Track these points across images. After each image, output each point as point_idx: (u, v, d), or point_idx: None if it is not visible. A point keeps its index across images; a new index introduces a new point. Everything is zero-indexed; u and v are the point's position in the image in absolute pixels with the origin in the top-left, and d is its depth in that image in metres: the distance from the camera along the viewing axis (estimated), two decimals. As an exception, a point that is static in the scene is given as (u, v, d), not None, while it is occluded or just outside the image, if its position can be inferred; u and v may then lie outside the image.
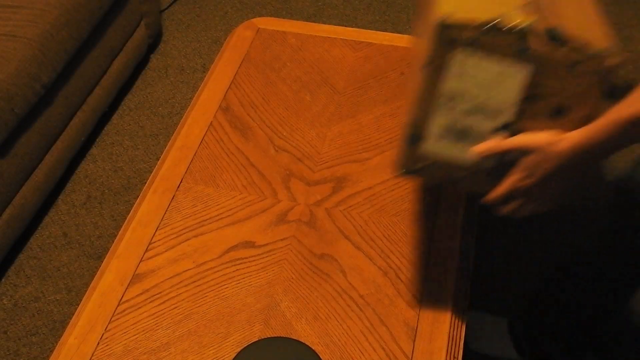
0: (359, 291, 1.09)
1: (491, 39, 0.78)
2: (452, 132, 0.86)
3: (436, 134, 0.87)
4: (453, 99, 0.84)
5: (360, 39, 1.55)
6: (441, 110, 0.84)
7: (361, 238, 1.17)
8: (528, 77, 0.80)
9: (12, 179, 1.67)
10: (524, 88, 0.81)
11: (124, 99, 2.20)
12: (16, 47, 1.67)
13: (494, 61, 0.80)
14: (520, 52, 0.79)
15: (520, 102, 0.82)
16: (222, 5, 2.57)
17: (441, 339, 1.04)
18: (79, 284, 1.71)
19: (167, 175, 1.27)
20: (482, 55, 0.80)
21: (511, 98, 0.82)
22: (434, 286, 1.11)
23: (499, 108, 0.83)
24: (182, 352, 1.03)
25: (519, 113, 0.83)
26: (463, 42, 0.79)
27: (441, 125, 0.86)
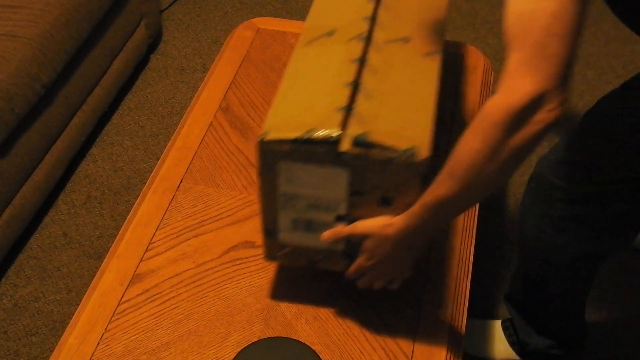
0: (359, 291, 1.09)
1: (307, 149, 0.88)
2: (300, 225, 0.97)
3: (287, 228, 0.98)
4: (291, 198, 0.94)
5: (360, 39, 1.55)
6: (285, 208, 0.95)
7: (361, 238, 1.17)
8: (349, 177, 0.90)
9: (12, 179, 1.67)
10: (349, 185, 0.90)
11: (124, 99, 2.20)
12: (16, 47, 1.67)
13: (316, 166, 0.89)
14: (335, 158, 0.88)
15: (349, 197, 0.92)
16: (222, 5, 2.57)
17: (441, 339, 1.04)
18: (79, 284, 1.72)
19: (167, 175, 1.27)
20: (303, 163, 0.89)
21: (340, 195, 0.92)
22: (434, 286, 1.11)
23: (331, 204, 0.93)
24: (182, 352, 1.03)
25: (350, 206, 0.93)
26: (283, 155, 0.89)
27: (288, 220, 0.97)
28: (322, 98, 0.92)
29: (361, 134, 0.86)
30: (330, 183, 0.91)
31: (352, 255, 0.99)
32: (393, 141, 0.87)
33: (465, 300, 1.10)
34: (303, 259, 1.02)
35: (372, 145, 0.86)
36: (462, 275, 1.13)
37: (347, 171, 0.89)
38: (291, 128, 0.88)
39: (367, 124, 0.88)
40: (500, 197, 1.88)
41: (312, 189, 0.92)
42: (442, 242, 1.16)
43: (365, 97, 0.92)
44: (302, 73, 0.98)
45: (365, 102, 0.92)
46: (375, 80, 0.95)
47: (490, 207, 1.85)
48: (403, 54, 1.01)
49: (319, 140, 0.87)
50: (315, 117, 0.89)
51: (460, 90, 1.42)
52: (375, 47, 1.01)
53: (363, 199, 0.91)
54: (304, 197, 0.93)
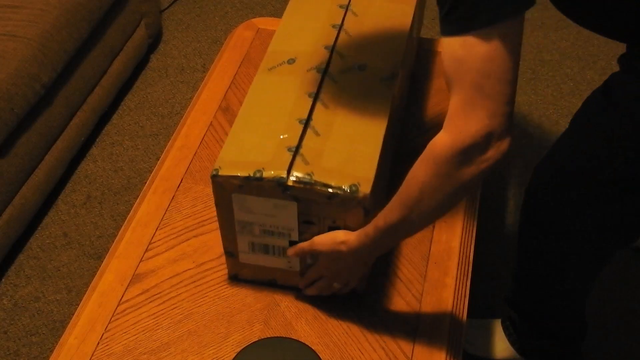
0: (359, 291, 1.09)
1: (257, 185, 0.95)
2: (257, 248, 1.04)
3: (245, 250, 1.05)
4: (247, 225, 1.01)
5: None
6: (242, 234, 1.02)
7: (361, 238, 1.17)
8: (298, 208, 0.96)
9: (12, 179, 1.67)
10: (299, 215, 0.97)
11: (124, 99, 2.20)
12: (16, 47, 1.67)
13: (267, 199, 0.96)
14: (283, 193, 0.95)
15: (300, 225, 0.99)
16: (222, 5, 2.57)
17: (441, 339, 1.04)
18: (79, 284, 1.71)
19: (167, 175, 1.27)
20: (255, 195, 0.96)
21: (291, 223, 0.99)
22: (434, 286, 1.11)
23: (284, 231, 1.00)
24: (182, 352, 1.03)
25: (302, 233, 1.00)
26: (235, 189, 0.96)
27: (246, 243, 1.04)
28: (274, 135, 0.99)
29: (306, 173, 0.94)
30: (281, 213, 0.98)
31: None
32: (335, 180, 0.94)
33: (465, 300, 1.10)
34: (264, 276, 1.09)
35: (315, 183, 0.93)
36: (462, 275, 1.13)
37: (295, 204, 0.96)
38: (243, 166, 0.95)
39: (312, 164, 0.95)
40: (500, 197, 1.88)
41: (265, 218, 0.99)
42: (442, 242, 1.16)
43: (315, 133, 0.99)
44: (259, 104, 1.04)
45: (313, 139, 0.99)
46: (326, 115, 1.02)
47: (490, 207, 1.85)
48: (358, 83, 1.07)
49: (268, 178, 0.94)
50: (266, 156, 0.96)
51: (460, 90, 1.42)
52: (331, 79, 1.07)
53: (313, 227, 0.99)
54: (258, 224, 1.00)
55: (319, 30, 1.15)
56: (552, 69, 2.29)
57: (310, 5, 1.22)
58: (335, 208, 0.95)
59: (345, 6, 1.20)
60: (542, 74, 2.27)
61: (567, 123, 1.19)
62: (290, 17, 1.20)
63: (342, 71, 1.08)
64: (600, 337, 1.58)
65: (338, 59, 1.10)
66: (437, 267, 1.13)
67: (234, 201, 0.98)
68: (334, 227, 0.98)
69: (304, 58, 1.10)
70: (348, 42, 1.13)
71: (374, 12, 1.19)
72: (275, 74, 1.09)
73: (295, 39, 1.15)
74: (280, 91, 1.06)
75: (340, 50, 1.12)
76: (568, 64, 2.30)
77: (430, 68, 1.47)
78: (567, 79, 2.25)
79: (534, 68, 2.29)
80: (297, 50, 1.12)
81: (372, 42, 1.13)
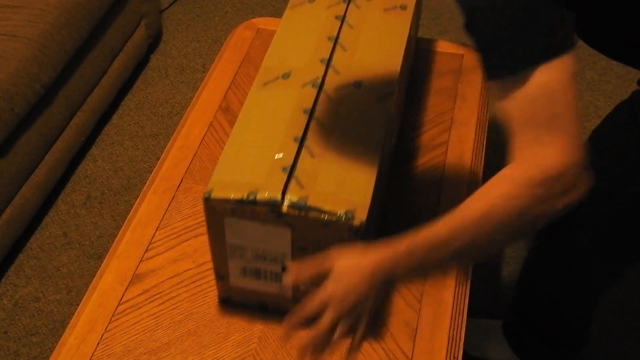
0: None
1: (250, 209, 0.91)
2: (249, 272, 1.01)
3: (236, 274, 1.02)
4: (238, 249, 0.98)
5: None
6: (233, 257, 0.99)
7: (361, 238, 1.17)
8: (292, 234, 0.93)
9: (12, 179, 1.67)
10: (292, 242, 0.94)
11: (124, 99, 2.20)
12: (16, 47, 1.68)
13: (260, 223, 0.93)
14: (277, 218, 0.92)
15: (294, 251, 0.95)
16: (222, 5, 2.57)
17: (441, 339, 1.04)
18: (79, 284, 1.71)
19: (167, 175, 1.27)
20: (248, 220, 0.93)
21: (284, 249, 0.95)
22: (434, 286, 1.11)
23: (277, 256, 0.97)
24: (182, 352, 1.03)
25: (294, 260, 0.96)
26: (228, 212, 0.93)
27: (237, 267, 1.01)
28: (269, 154, 0.96)
29: (301, 197, 0.91)
30: (274, 238, 0.94)
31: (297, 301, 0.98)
32: (331, 205, 0.90)
33: (465, 300, 1.10)
34: (254, 300, 1.06)
35: (310, 209, 0.90)
36: (462, 275, 1.13)
37: (289, 229, 0.93)
38: (235, 187, 0.92)
39: (307, 187, 0.92)
40: (500, 197, 1.88)
41: (257, 243, 0.96)
42: (442, 242, 1.16)
43: (310, 154, 0.97)
44: (254, 121, 1.01)
45: (308, 161, 0.96)
46: (321, 135, 0.99)
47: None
48: (353, 101, 1.04)
49: (261, 201, 0.91)
50: (259, 177, 0.93)
51: (460, 90, 1.42)
52: (327, 95, 1.05)
53: (307, 253, 0.95)
54: (251, 249, 0.97)
55: (315, 43, 1.13)
56: (552, 69, 2.28)
57: (306, 16, 1.19)
58: (331, 235, 0.91)
59: (342, 17, 1.18)
60: (542, 74, 2.27)
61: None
62: (286, 29, 1.18)
63: (338, 88, 1.06)
64: (601, 337, 1.58)
65: (334, 75, 1.08)
66: (437, 267, 1.13)
67: (226, 225, 0.95)
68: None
69: (299, 73, 1.08)
70: (344, 57, 1.11)
71: (370, 25, 1.17)
72: (270, 89, 1.06)
73: (290, 52, 1.12)
74: (276, 107, 1.03)
75: (336, 66, 1.09)
76: (568, 64, 2.30)
77: (430, 68, 1.47)
78: (567, 79, 2.24)
79: (534, 68, 2.29)
80: (292, 64, 1.10)
81: (368, 58, 1.11)
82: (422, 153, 1.28)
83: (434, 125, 1.35)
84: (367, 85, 1.07)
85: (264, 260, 0.98)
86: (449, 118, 1.36)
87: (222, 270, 1.03)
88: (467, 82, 1.44)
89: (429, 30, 2.44)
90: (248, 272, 1.01)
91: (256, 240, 0.96)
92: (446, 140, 1.30)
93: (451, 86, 1.43)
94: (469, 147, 1.29)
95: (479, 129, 1.33)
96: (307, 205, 0.90)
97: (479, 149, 1.30)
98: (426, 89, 1.43)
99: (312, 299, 0.87)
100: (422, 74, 1.46)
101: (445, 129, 1.33)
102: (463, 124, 1.34)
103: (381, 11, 1.19)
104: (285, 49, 1.13)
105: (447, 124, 1.35)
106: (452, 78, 1.45)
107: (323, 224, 0.91)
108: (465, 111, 1.37)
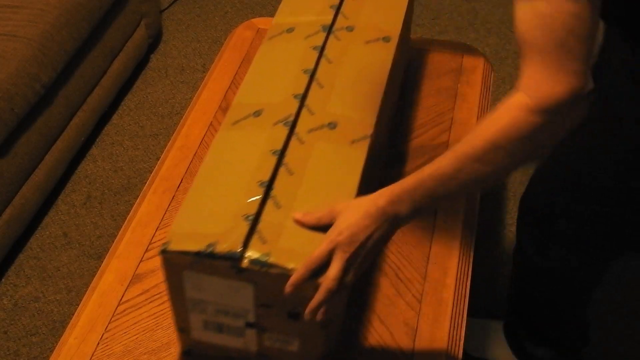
0: (359, 291, 1.09)
1: (208, 263, 0.86)
2: (211, 326, 0.95)
3: (198, 327, 0.96)
4: (199, 303, 0.92)
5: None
6: (194, 311, 0.94)
7: (361, 238, 1.16)
8: (254, 291, 0.88)
9: (12, 179, 1.67)
10: (255, 298, 0.88)
11: (124, 99, 2.20)
12: (16, 47, 1.68)
13: (221, 278, 0.87)
14: (237, 273, 0.86)
15: (257, 308, 0.90)
16: (222, 5, 2.57)
17: (441, 339, 1.04)
18: (79, 284, 1.72)
19: (167, 175, 1.27)
20: (207, 274, 0.87)
21: (247, 305, 0.90)
22: (434, 286, 1.11)
23: (240, 312, 0.91)
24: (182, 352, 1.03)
25: (258, 316, 0.91)
26: (186, 265, 0.87)
27: (199, 321, 0.95)
28: (232, 201, 0.90)
29: (263, 254, 0.85)
30: (236, 294, 0.89)
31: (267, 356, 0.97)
32: (294, 262, 0.84)
33: (465, 300, 1.10)
34: (219, 354, 1.00)
35: (272, 265, 0.84)
36: (462, 275, 1.13)
37: (251, 285, 0.87)
38: (194, 239, 0.86)
39: (270, 242, 0.86)
40: (500, 197, 1.88)
41: (218, 297, 0.90)
42: (443, 242, 1.16)
43: (275, 205, 0.90)
44: (219, 165, 0.96)
45: (273, 213, 0.89)
46: (289, 182, 0.93)
47: (490, 207, 1.85)
48: (327, 145, 0.97)
49: (220, 255, 0.85)
50: (220, 227, 0.87)
51: (460, 90, 1.42)
52: (299, 137, 0.98)
53: (271, 311, 0.90)
54: (212, 303, 0.91)
55: (290, 77, 1.06)
56: (552, 69, 2.28)
57: (282, 48, 1.13)
58: (295, 292, 0.85)
59: (320, 48, 1.10)
60: (542, 74, 2.27)
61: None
62: (260, 62, 1.11)
63: (311, 130, 0.99)
64: (600, 337, 1.58)
65: (307, 115, 1.00)
66: (437, 267, 1.13)
67: (185, 279, 0.89)
68: (294, 312, 0.88)
69: (271, 110, 1.01)
70: (319, 96, 1.04)
71: (350, 59, 1.09)
72: (239, 129, 1.00)
73: (263, 88, 1.06)
74: (244, 149, 0.96)
75: (310, 105, 1.02)
76: (568, 64, 2.30)
77: (430, 68, 1.47)
78: (567, 79, 2.24)
79: (534, 68, 2.29)
80: (265, 100, 1.03)
81: (346, 97, 1.04)
82: (422, 153, 1.28)
83: (434, 125, 1.35)
84: (343, 126, 1.00)
85: (227, 315, 0.92)
86: (449, 118, 1.36)
87: (183, 323, 0.96)
88: (467, 82, 1.44)
89: (429, 30, 2.44)
90: (210, 326, 0.95)
91: (217, 295, 0.90)
92: (446, 140, 1.30)
93: (451, 86, 1.43)
94: (469, 147, 1.29)
95: (479, 129, 1.33)
96: (269, 262, 0.84)
97: (479, 149, 1.30)
98: (426, 89, 1.43)
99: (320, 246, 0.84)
100: (422, 74, 1.46)
101: (445, 129, 1.33)
102: (463, 124, 1.35)
103: (362, 44, 1.12)
104: (259, 84, 1.07)
105: (447, 124, 1.35)
106: (452, 78, 1.45)
107: (286, 281, 0.84)
108: (465, 111, 1.37)
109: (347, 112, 1.02)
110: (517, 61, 2.32)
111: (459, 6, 2.55)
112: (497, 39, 2.41)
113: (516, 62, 2.32)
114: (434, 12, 2.52)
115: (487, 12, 2.52)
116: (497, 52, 2.35)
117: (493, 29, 2.45)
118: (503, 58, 2.33)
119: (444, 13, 2.52)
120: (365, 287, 1.10)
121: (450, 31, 2.44)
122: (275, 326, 0.92)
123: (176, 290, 0.91)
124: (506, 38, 2.41)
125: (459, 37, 2.42)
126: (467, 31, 2.45)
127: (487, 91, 1.44)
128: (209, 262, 0.86)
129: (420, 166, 0.86)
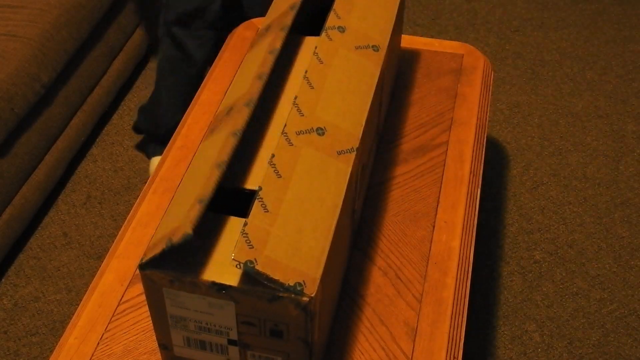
0: (359, 291, 1.09)
1: (190, 281, 0.84)
2: (193, 343, 0.94)
3: (180, 344, 0.95)
4: (180, 320, 0.91)
5: (360, 39, 1.55)
6: (175, 328, 0.93)
7: (361, 238, 1.17)
8: (236, 309, 0.86)
9: (12, 179, 1.67)
10: (237, 316, 0.87)
11: (124, 99, 2.20)
12: (16, 47, 1.68)
13: (201, 296, 0.86)
14: (219, 292, 0.84)
15: (239, 325, 0.89)
16: (222, 5, 2.57)
17: (441, 339, 1.04)
18: (79, 284, 1.72)
19: (167, 175, 1.27)
20: (188, 292, 0.86)
21: (229, 323, 0.89)
22: (434, 286, 1.11)
23: (222, 329, 0.90)
24: (182, 352, 1.03)
25: (241, 334, 0.90)
26: (166, 283, 0.86)
27: (181, 337, 0.94)
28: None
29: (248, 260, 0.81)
30: (217, 311, 0.88)
31: None
32: (280, 274, 0.82)
33: (465, 300, 1.10)
34: None
35: (258, 275, 0.81)
36: (462, 275, 1.13)
37: (232, 303, 0.86)
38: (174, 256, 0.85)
39: (255, 250, 0.83)
40: (500, 197, 1.88)
41: (199, 315, 0.89)
42: (442, 242, 1.16)
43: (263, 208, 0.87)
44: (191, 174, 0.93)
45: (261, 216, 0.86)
46: (276, 188, 0.89)
47: (490, 207, 1.85)
48: (314, 152, 0.95)
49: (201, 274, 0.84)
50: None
51: (460, 90, 1.42)
52: (288, 138, 0.94)
53: (254, 329, 0.89)
54: (193, 320, 0.90)
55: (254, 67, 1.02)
56: (552, 69, 2.29)
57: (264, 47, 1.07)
58: (278, 311, 0.84)
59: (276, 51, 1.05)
60: (542, 74, 2.27)
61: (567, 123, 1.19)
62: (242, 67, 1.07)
63: (300, 132, 0.96)
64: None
65: (297, 116, 0.97)
66: (437, 267, 1.13)
67: (165, 295, 0.88)
68: (276, 330, 0.88)
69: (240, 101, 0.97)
70: (309, 96, 1.00)
71: (340, 62, 1.06)
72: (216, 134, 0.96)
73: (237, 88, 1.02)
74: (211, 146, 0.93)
75: (300, 105, 0.99)
76: (568, 64, 2.30)
77: (430, 68, 1.47)
78: (567, 79, 2.25)
79: (534, 68, 2.29)
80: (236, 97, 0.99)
81: (334, 104, 1.01)
82: (422, 153, 1.28)
83: (434, 125, 1.35)
84: (330, 134, 0.98)
85: (209, 332, 0.91)
86: (449, 118, 1.36)
87: (164, 340, 0.95)
88: (467, 82, 1.44)
89: (429, 30, 2.44)
90: (192, 343, 0.94)
91: (198, 313, 0.89)
92: (446, 140, 1.30)
93: (451, 86, 1.43)
94: (469, 147, 1.29)
95: (479, 129, 1.33)
96: (253, 271, 0.81)
97: (479, 149, 1.30)
98: (426, 89, 1.43)
99: None
100: (422, 74, 1.46)
101: (445, 129, 1.33)
102: (463, 124, 1.35)
103: (352, 48, 1.09)
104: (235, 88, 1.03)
105: (447, 124, 1.35)
106: (452, 78, 1.45)
107: (269, 299, 0.83)
108: (465, 111, 1.37)
109: (335, 120, 1.00)
110: (517, 61, 2.33)
111: (459, 6, 2.55)
112: (497, 39, 2.41)
113: (516, 62, 2.32)
114: (434, 12, 2.52)
115: (487, 12, 2.52)
116: (497, 52, 2.35)
117: (493, 29, 2.45)
118: (503, 58, 2.33)
119: (444, 13, 2.52)
120: (365, 287, 1.10)
121: (450, 31, 2.44)
122: (259, 344, 0.91)
123: (157, 307, 0.90)
124: (506, 38, 2.41)
125: (459, 37, 2.42)
126: (467, 31, 2.45)
127: (487, 91, 1.44)
128: (189, 279, 0.84)
129: (420, 166, 0.85)
